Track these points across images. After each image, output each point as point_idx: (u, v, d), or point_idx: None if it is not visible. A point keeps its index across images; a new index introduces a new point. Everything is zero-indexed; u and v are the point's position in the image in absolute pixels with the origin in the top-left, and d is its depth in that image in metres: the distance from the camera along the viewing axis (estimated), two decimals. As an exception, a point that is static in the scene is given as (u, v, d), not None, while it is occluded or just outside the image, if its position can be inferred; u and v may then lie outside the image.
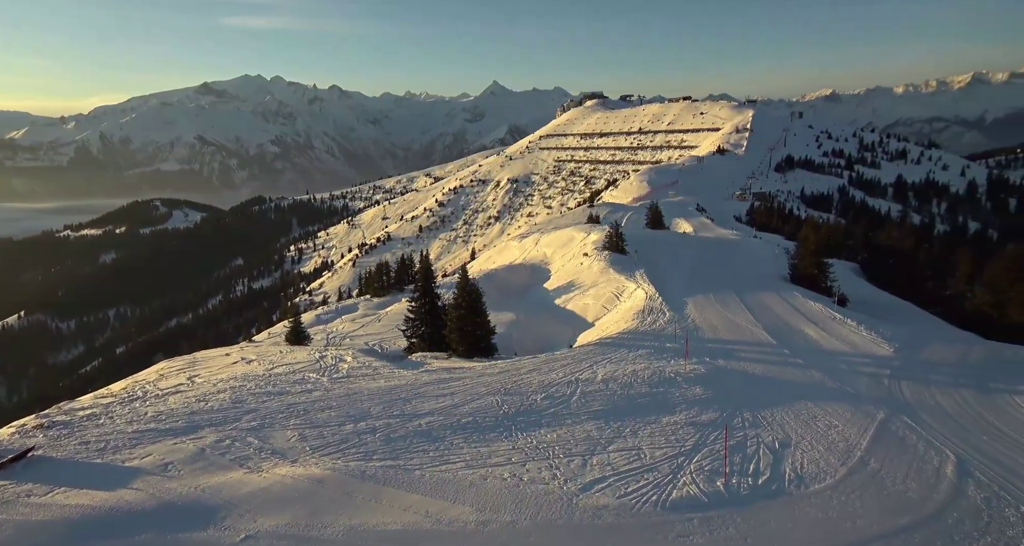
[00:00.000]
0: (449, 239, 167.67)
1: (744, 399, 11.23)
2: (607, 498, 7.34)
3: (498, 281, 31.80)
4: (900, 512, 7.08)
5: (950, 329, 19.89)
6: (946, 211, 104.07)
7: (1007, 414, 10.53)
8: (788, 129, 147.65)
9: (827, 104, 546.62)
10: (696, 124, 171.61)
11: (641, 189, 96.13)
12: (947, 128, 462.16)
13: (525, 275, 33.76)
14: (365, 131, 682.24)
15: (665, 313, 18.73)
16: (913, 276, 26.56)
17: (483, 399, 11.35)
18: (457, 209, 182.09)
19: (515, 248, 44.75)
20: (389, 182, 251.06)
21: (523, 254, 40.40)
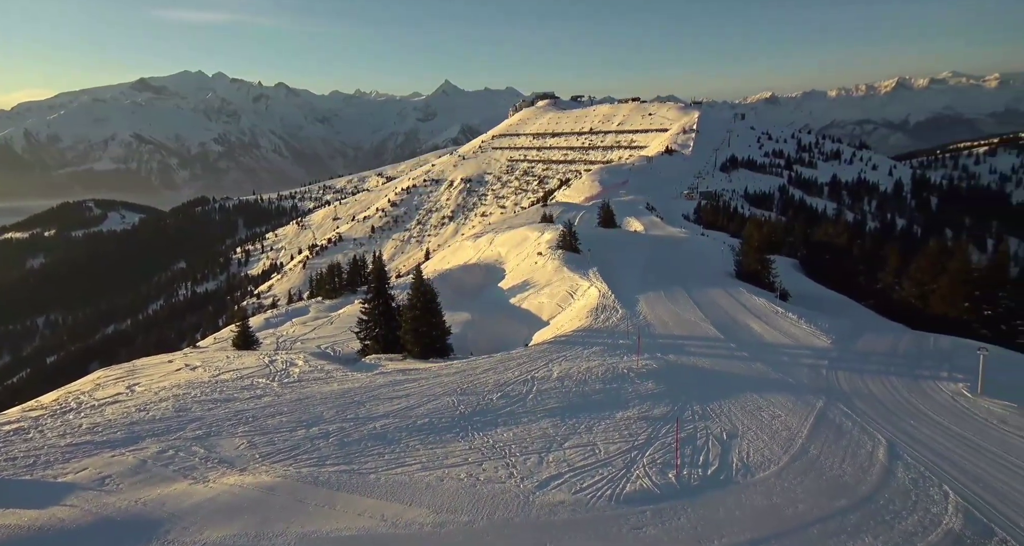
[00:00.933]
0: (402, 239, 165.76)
1: (694, 393, 11.57)
2: (563, 494, 7.44)
3: (453, 281, 31.67)
4: (837, 495, 7.45)
5: (881, 320, 21.06)
6: (876, 209, 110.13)
7: (931, 399, 11.24)
8: (732, 130, 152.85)
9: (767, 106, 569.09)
10: (645, 125, 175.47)
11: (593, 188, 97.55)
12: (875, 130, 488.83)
13: (480, 275, 33.74)
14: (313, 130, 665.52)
15: (618, 310, 19.09)
16: (847, 271, 28.00)
17: (439, 400, 11.30)
18: (410, 209, 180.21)
19: (469, 248, 44.63)
20: (340, 182, 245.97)
21: (478, 254, 40.34)
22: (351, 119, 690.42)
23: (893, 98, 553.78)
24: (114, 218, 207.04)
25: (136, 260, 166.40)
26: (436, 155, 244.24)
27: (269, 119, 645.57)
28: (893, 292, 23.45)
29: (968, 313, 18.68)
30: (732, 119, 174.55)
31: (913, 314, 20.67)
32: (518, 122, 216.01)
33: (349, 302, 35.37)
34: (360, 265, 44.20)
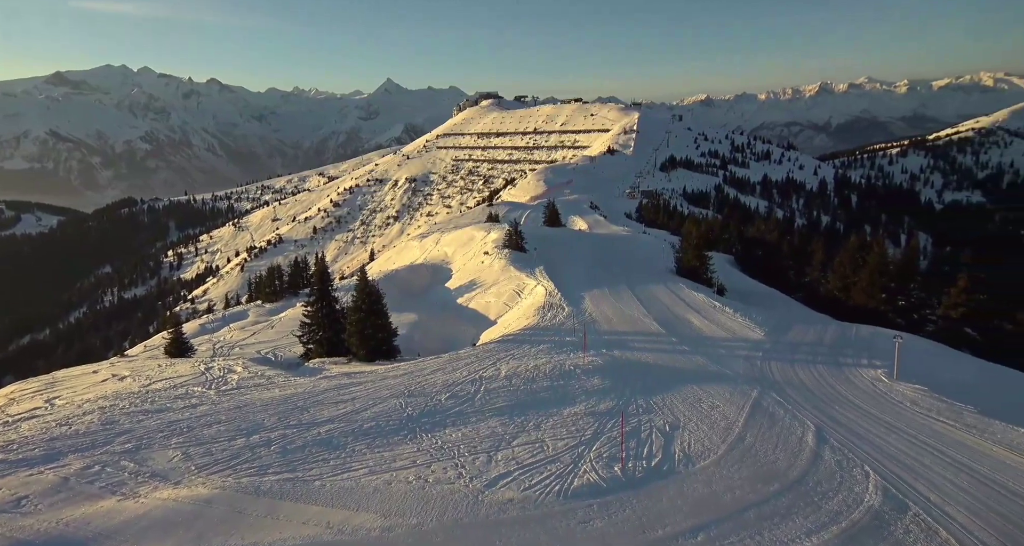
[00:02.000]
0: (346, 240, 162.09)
1: (638, 387, 11.87)
2: (512, 492, 7.50)
3: (399, 282, 31.23)
4: (771, 480, 7.85)
5: (809, 312, 22.23)
6: (803, 206, 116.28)
7: (854, 385, 12.01)
8: (670, 131, 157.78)
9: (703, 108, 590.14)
10: (587, 125, 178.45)
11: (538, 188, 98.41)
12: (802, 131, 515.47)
13: (426, 275, 33.43)
14: (250, 128, 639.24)
15: (564, 308, 19.35)
16: (778, 266, 29.44)
17: (386, 402, 11.14)
18: (354, 209, 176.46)
19: (415, 248, 44.17)
20: (279, 182, 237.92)
21: (424, 254, 39.96)
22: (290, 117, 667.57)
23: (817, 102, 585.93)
24: (28, 220, 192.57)
25: (55, 265, 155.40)
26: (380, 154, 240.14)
27: (201, 116, 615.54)
28: (819, 285, 24.83)
29: (884, 304, 20.03)
30: (670, 120, 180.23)
31: (837, 306, 21.96)
32: (462, 121, 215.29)
33: (291, 305, 34.34)
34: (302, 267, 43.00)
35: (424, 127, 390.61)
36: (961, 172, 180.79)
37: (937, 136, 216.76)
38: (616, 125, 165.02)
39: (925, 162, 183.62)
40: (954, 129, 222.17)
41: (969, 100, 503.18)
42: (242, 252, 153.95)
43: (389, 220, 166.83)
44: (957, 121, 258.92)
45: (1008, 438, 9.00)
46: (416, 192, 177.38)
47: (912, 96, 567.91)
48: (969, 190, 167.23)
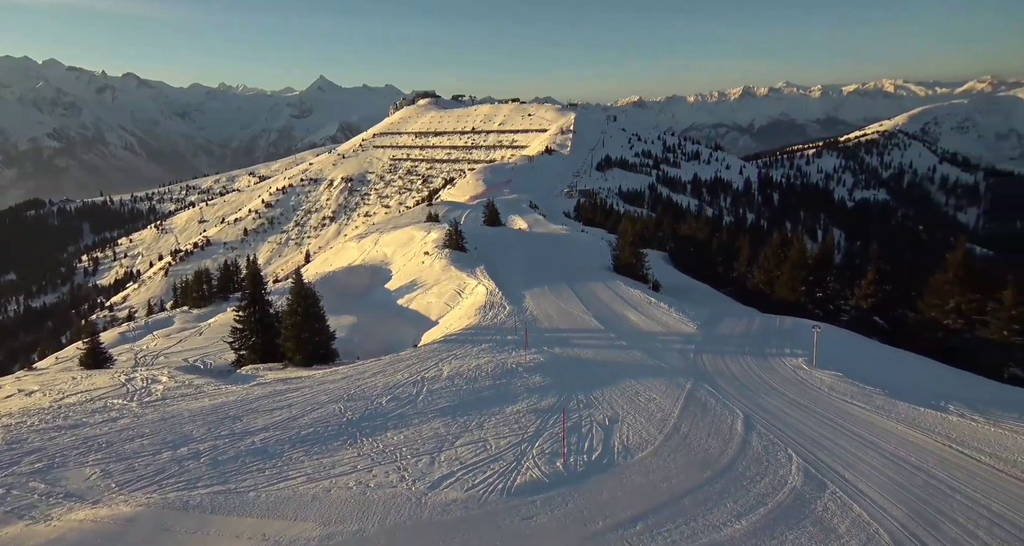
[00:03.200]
0: (279, 242, 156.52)
1: (578, 383, 12.11)
2: (455, 492, 7.48)
3: (336, 284, 30.46)
4: (704, 467, 8.21)
5: (737, 305, 23.38)
6: (731, 204, 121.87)
7: (778, 373, 12.73)
8: (605, 131, 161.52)
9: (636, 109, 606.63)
10: (525, 125, 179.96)
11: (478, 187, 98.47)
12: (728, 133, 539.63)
13: (365, 276, 32.77)
14: (172, 125, 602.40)
15: (505, 307, 19.46)
16: (709, 262, 30.78)
17: (325, 408, 10.85)
18: (287, 210, 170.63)
19: (353, 249, 43.21)
20: (206, 181, 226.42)
21: (362, 255, 39.16)
22: (216, 114, 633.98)
23: (741, 104, 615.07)
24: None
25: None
26: (314, 153, 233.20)
27: (117, 112, 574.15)
28: (746, 280, 26.12)
29: (804, 296, 21.32)
30: (605, 121, 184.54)
31: (763, 298, 23.19)
32: (399, 121, 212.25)
33: (221, 310, 32.87)
34: (232, 270, 41.30)
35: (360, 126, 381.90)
36: (868, 172, 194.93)
37: (847, 138, 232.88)
38: (553, 125, 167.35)
39: (837, 162, 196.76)
40: (861, 132, 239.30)
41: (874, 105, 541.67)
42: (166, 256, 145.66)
43: (325, 221, 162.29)
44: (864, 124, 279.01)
45: (911, 417, 9.80)
46: (353, 192, 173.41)
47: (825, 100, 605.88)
48: (876, 189, 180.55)
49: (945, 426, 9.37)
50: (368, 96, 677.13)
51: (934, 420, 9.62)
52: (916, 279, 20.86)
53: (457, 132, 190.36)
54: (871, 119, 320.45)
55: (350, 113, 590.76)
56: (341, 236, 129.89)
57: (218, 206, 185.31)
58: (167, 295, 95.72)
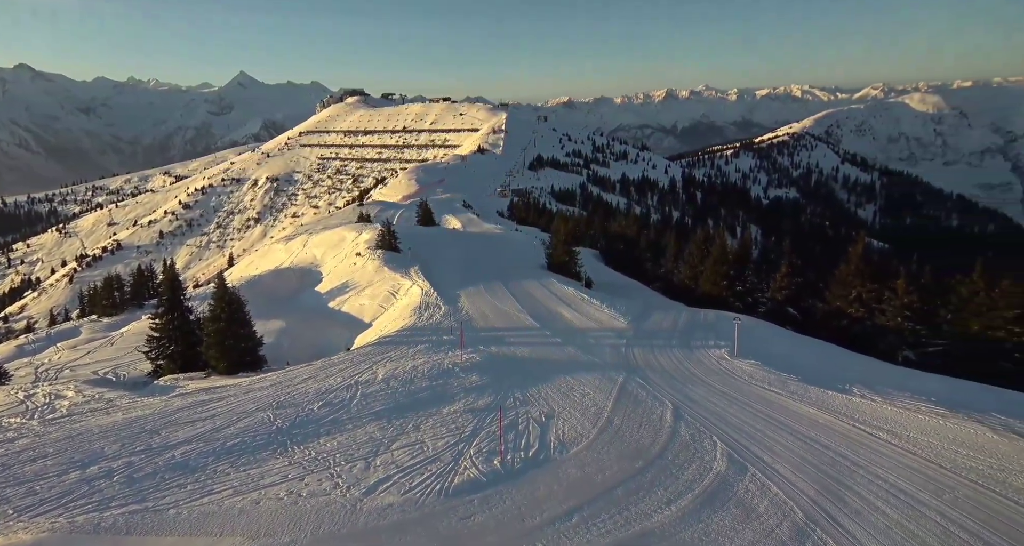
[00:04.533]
0: (199, 245, 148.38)
1: (515, 380, 12.23)
2: (392, 496, 7.39)
3: (263, 287, 29.23)
4: (636, 457, 8.52)
5: (665, 300, 24.30)
6: (657, 203, 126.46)
7: (703, 364, 13.39)
8: (536, 131, 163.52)
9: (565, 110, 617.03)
10: (457, 124, 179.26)
11: (410, 187, 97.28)
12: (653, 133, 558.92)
13: (294, 279, 31.62)
14: (74, 121, 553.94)
15: (441, 307, 19.35)
16: (637, 259, 31.82)
17: (252, 417, 10.41)
18: (208, 211, 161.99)
19: (281, 251, 41.62)
20: (115, 181, 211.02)
21: (290, 257, 37.78)
22: (125, 110, 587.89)
23: (664, 106, 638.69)
24: None
25: None
26: (235, 152, 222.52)
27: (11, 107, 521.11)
28: (673, 275, 27.23)
29: (726, 290, 22.49)
30: (536, 121, 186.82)
31: (688, 293, 24.25)
32: (327, 119, 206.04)
33: (135, 318, 30.84)
34: (147, 275, 38.87)
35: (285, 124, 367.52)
36: (780, 171, 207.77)
37: (761, 139, 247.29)
38: (485, 125, 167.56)
39: (753, 162, 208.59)
40: (773, 134, 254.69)
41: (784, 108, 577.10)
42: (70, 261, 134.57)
43: (249, 222, 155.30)
44: (776, 126, 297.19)
45: (821, 400, 10.57)
46: (279, 192, 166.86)
47: (741, 103, 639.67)
48: (787, 187, 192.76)
49: (850, 407, 10.17)
50: (293, 93, 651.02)
51: (840, 402, 10.42)
52: (823, 272, 22.47)
53: (388, 131, 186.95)
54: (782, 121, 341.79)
55: (274, 110, 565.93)
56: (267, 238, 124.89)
57: (130, 208, 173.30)
58: (72, 303, 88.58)
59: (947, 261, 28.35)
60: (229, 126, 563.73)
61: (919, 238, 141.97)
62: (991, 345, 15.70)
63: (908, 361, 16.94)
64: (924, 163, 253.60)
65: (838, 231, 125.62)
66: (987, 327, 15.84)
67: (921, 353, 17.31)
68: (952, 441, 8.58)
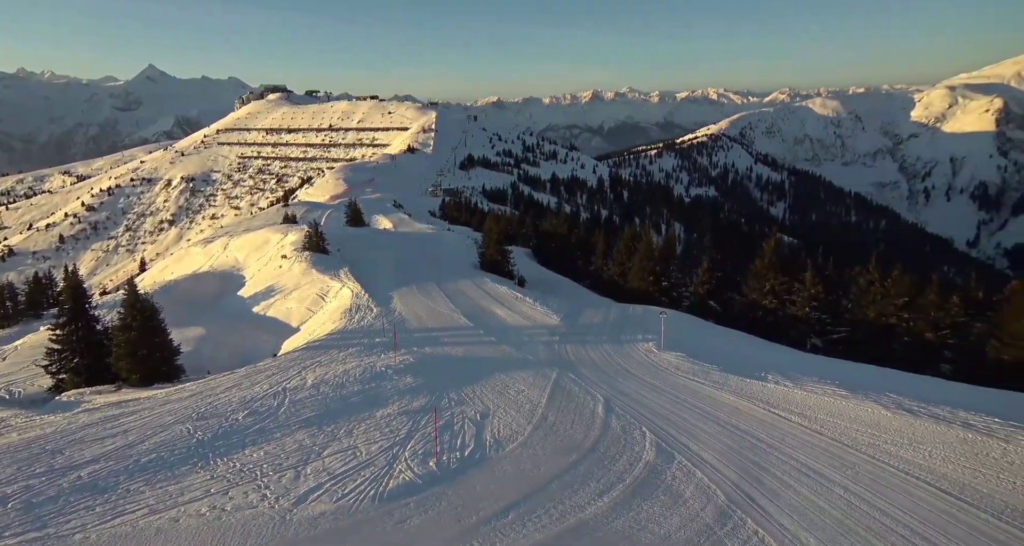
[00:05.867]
0: (106, 249, 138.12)
1: (450, 381, 12.19)
2: (324, 505, 7.19)
3: (180, 293, 27.56)
4: (570, 451, 8.71)
5: (596, 297, 24.94)
6: (586, 201, 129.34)
7: (632, 358, 13.87)
8: (467, 131, 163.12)
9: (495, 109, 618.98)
10: (386, 123, 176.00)
11: (338, 187, 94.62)
12: (581, 134, 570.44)
13: (214, 284, 30.01)
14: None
15: (372, 309, 19.00)
16: (569, 256, 32.45)
17: (170, 430, 9.81)
18: (115, 213, 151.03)
19: (199, 254, 39.42)
20: (5, 181, 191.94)
21: (210, 260, 35.84)
22: (16, 104, 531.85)
23: (591, 107, 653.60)
24: None
25: None
26: (146, 150, 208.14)
27: None
28: (603, 272, 27.95)
29: (653, 285, 23.36)
30: (466, 120, 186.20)
31: (618, 289, 24.98)
32: (247, 116, 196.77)
33: (31, 330, 28.37)
34: (46, 283, 35.87)
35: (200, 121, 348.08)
36: (700, 171, 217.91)
37: (682, 140, 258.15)
38: (415, 124, 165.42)
39: (675, 162, 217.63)
40: (693, 135, 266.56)
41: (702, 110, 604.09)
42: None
43: (163, 225, 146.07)
44: (695, 128, 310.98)
45: (740, 388, 11.21)
46: (196, 192, 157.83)
47: (663, 105, 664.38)
48: (707, 186, 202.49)
49: (765, 393, 10.84)
50: (209, 89, 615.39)
51: (757, 389, 11.09)
52: (741, 266, 23.79)
53: (313, 129, 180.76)
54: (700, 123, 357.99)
55: (188, 107, 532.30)
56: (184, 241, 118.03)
57: (23, 210, 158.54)
58: (-44, 316, 79.71)
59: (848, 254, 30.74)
60: (138, 123, 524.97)
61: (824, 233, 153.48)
62: (885, 330, 17.18)
63: (815, 348, 18.28)
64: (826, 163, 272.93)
65: (753, 227, 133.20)
66: (881, 314, 17.32)
67: (826, 340, 18.70)
68: (853, 420, 9.33)
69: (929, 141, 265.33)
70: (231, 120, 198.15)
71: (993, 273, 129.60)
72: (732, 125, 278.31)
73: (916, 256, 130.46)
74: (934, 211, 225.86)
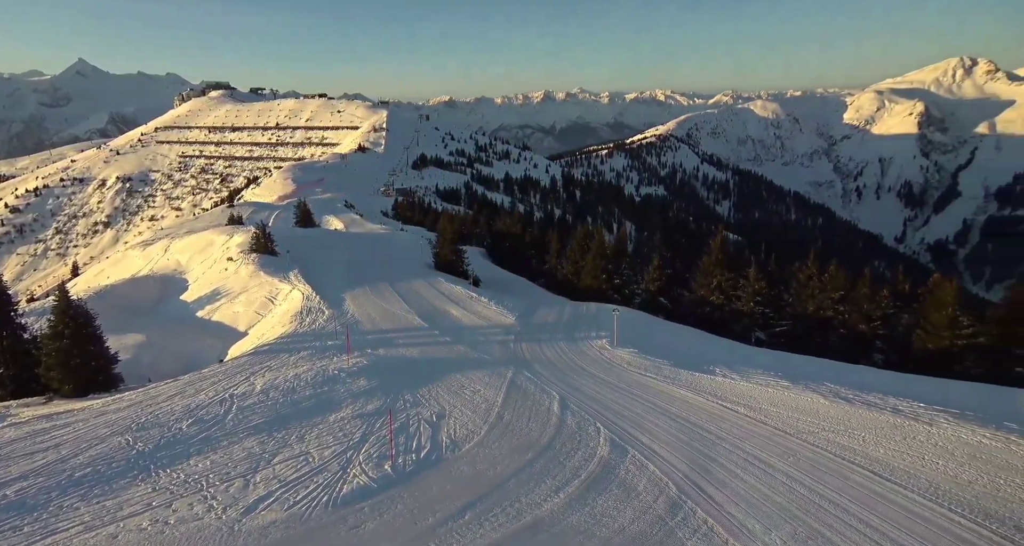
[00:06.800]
0: (34, 253, 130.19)
1: (404, 382, 12.05)
2: (275, 513, 6.99)
3: (117, 298, 26.21)
4: (526, 450, 8.77)
5: (550, 295, 25.18)
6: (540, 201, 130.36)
7: (586, 355, 14.08)
8: (419, 130, 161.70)
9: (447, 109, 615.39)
10: (335, 122, 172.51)
11: (286, 187, 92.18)
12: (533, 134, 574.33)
13: (154, 288, 28.67)
14: None
15: (324, 311, 18.58)
16: (523, 256, 32.64)
17: (106, 442, 9.32)
18: (44, 215, 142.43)
19: (138, 258, 37.55)
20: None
21: (149, 264, 34.21)
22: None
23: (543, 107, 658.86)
24: None
25: None
26: (77, 149, 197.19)
27: None
28: (557, 271, 28.24)
29: (605, 283, 23.78)
30: (418, 120, 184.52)
31: (571, 287, 25.30)
32: (188, 113, 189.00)
33: (-52, 342, 26.15)
34: (-37, 291, 33.07)
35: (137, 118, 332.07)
36: (650, 170, 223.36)
37: (632, 141, 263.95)
38: (365, 123, 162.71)
39: (626, 162, 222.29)
40: (643, 135, 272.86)
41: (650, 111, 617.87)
42: None
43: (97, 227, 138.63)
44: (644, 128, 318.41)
45: (689, 382, 11.56)
46: (133, 193, 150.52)
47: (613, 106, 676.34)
48: (656, 185, 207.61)
49: (713, 386, 11.22)
50: (146, 85, 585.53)
51: (706, 382, 11.46)
52: (689, 263, 24.51)
53: (259, 128, 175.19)
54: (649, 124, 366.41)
55: (123, 103, 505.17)
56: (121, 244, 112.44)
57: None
58: None
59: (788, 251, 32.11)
60: (67, 120, 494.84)
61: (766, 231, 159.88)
62: (823, 323, 18.06)
63: (760, 341, 19.03)
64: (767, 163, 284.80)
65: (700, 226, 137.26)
66: (819, 308, 18.20)
67: (770, 333, 19.51)
68: (795, 410, 9.77)
69: (860, 142, 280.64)
70: (171, 117, 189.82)
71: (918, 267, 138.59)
72: (679, 126, 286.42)
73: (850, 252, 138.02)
74: (865, 209, 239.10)
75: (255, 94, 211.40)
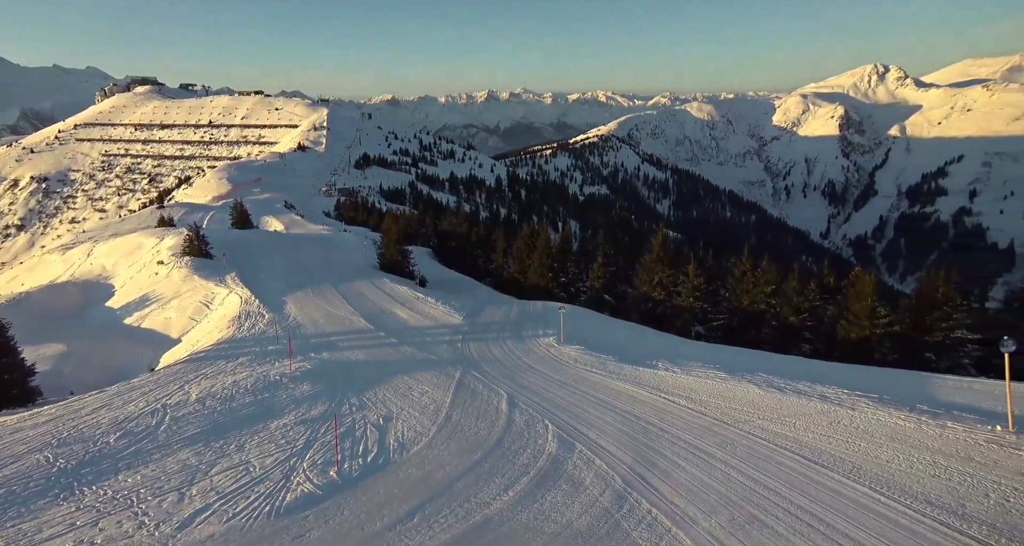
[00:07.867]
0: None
1: (350, 386, 11.82)
2: (213, 526, 6.71)
3: (33, 306, 24.47)
4: (475, 450, 8.76)
5: (497, 295, 25.25)
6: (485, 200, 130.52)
7: (534, 353, 14.22)
8: (361, 129, 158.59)
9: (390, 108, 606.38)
10: (273, 120, 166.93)
11: (221, 187, 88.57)
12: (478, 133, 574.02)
13: (76, 295, 26.93)
14: None
15: (264, 315, 17.97)
16: (469, 255, 32.60)
17: (23, 460, 8.67)
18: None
19: (57, 263, 35.19)
20: None
21: (70, 269, 32.14)
22: None
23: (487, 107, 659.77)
24: None
25: None
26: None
27: None
28: (503, 270, 28.35)
29: (552, 281, 24.09)
30: (360, 118, 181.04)
31: (518, 286, 25.46)
32: (111, 109, 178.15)
33: None
34: None
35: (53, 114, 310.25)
36: (593, 170, 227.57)
37: (575, 141, 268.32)
38: (305, 121, 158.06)
39: (569, 162, 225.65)
40: (585, 136, 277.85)
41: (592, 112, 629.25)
42: None
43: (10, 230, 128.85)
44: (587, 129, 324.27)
45: (633, 376, 11.88)
46: (50, 194, 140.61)
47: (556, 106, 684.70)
48: (599, 184, 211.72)
49: (656, 380, 11.57)
50: (63, 79, 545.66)
51: (649, 376, 11.81)
52: (632, 261, 25.16)
53: (191, 125, 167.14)
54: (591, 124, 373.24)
55: (37, 99, 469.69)
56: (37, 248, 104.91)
57: None
58: None
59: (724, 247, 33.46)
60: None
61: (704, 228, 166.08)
62: (757, 316, 18.94)
63: (699, 335, 19.76)
64: (704, 163, 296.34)
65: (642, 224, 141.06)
66: (753, 302, 19.08)
67: (708, 327, 20.28)
68: (732, 400, 10.21)
69: (788, 144, 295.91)
70: (92, 114, 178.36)
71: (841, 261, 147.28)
72: (620, 126, 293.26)
73: (780, 248, 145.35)
74: (794, 206, 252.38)
75: (185, 90, 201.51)
